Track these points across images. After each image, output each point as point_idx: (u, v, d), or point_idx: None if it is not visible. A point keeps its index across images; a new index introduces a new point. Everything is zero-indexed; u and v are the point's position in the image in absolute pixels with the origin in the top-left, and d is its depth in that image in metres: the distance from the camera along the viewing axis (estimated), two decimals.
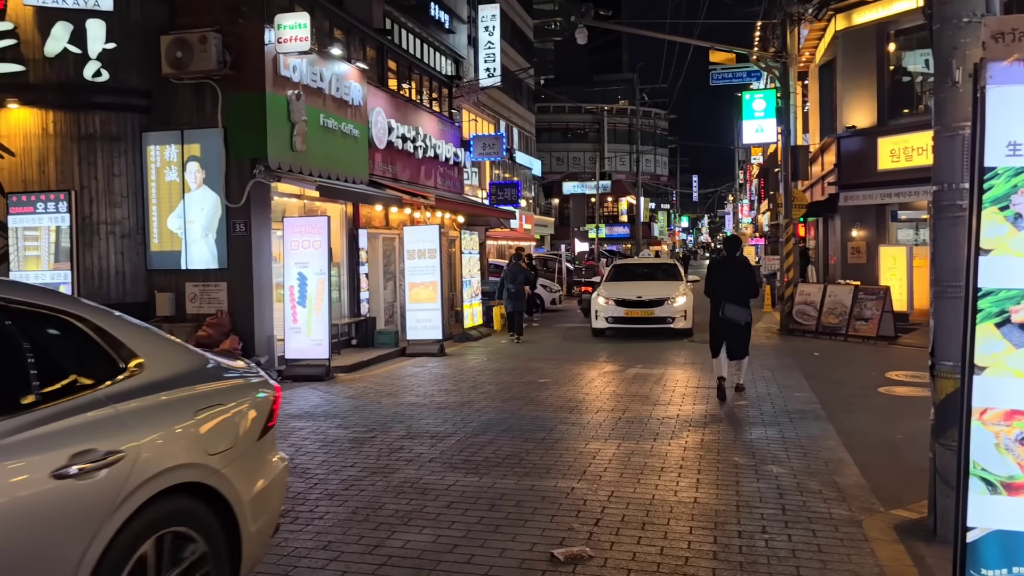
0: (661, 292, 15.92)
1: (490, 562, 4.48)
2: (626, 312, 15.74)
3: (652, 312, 15.56)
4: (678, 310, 15.56)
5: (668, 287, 16.21)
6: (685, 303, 15.70)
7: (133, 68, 11.73)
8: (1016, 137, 3.02)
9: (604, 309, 15.99)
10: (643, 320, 15.68)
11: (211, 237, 11.64)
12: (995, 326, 3.06)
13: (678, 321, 15.53)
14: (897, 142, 17.24)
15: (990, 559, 3.05)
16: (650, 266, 19.14)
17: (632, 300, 15.82)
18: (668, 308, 15.54)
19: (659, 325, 15.58)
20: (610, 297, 16.03)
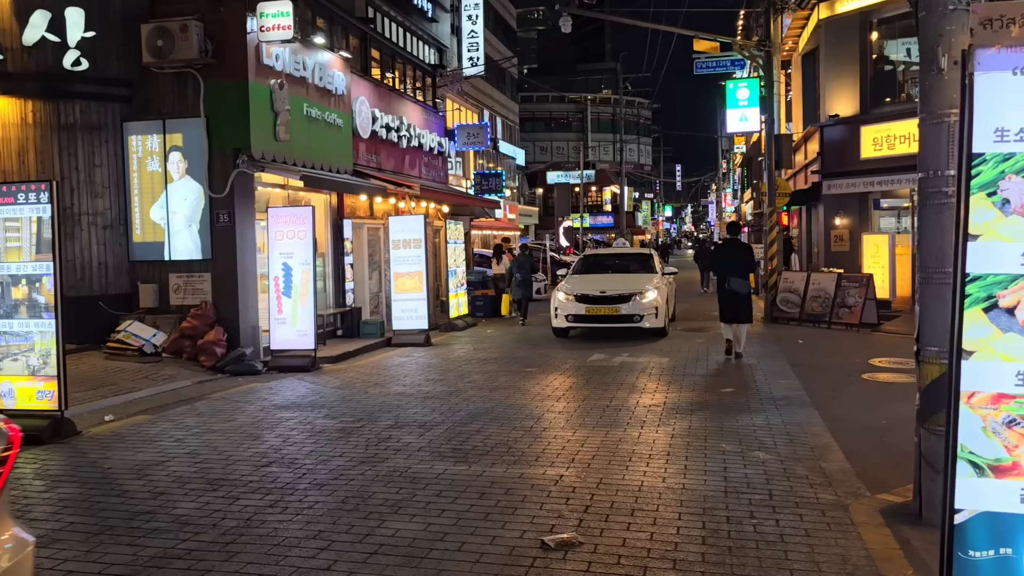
0: (629, 286, 14.05)
1: (481, 549, 4.49)
2: (587, 309, 13.87)
3: (617, 309, 13.71)
4: (647, 306, 13.71)
5: (638, 280, 14.45)
6: (656, 298, 13.83)
7: (113, 57, 11.59)
8: (1004, 123, 3.04)
9: (564, 306, 14.11)
10: (607, 318, 13.86)
11: (194, 228, 11.55)
12: (983, 311, 3.09)
13: (648, 319, 13.70)
14: (880, 130, 17.34)
15: (977, 541, 3.09)
16: (623, 257, 17.10)
17: (595, 296, 13.95)
18: (636, 304, 13.69)
19: (625, 324, 13.79)
20: (571, 292, 14.20)
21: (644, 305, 13.70)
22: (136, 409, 8.50)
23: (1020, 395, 3.07)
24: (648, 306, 13.72)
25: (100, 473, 6.14)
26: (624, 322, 13.76)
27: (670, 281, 15.72)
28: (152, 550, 4.52)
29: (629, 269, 15.82)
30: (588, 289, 14.19)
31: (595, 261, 16.68)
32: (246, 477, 5.94)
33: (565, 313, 14.07)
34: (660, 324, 13.88)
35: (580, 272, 15.80)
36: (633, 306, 13.68)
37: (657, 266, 15.79)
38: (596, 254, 17.90)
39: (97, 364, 10.45)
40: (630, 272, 15.50)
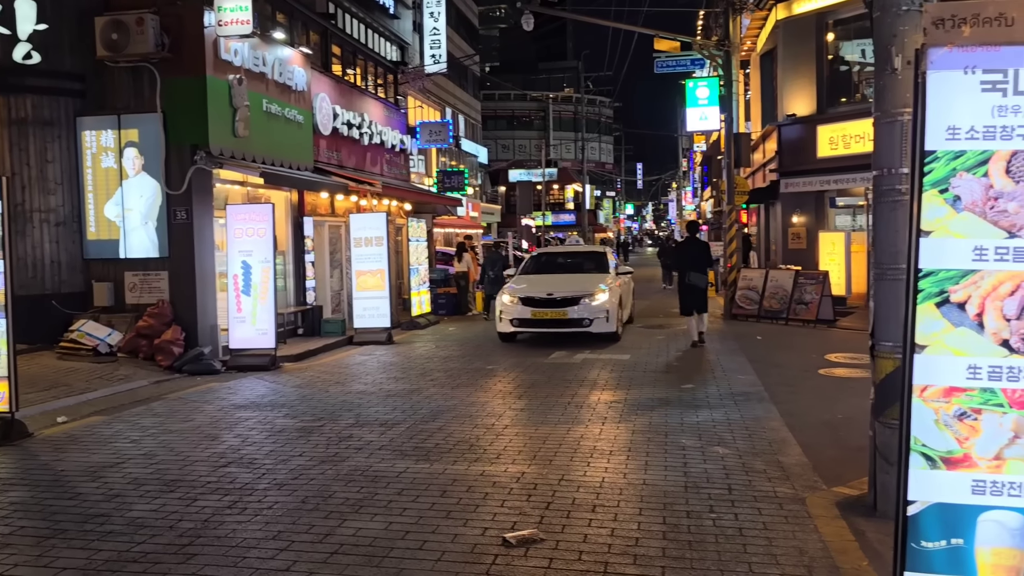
0: (578, 288, 13.04)
1: (442, 547, 4.47)
2: (533, 313, 12.85)
3: (564, 313, 12.70)
4: (598, 309, 12.72)
5: (588, 281, 13.37)
6: (606, 301, 12.81)
7: (66, 50, 11.33)
8: (955, 121, 3.10)
9: (508, 309, 13.08)
10: (553, 323, 12.90)
11: (151, 225, 11.34)
12: (935, 306, 3.15)
13: (598, 323, 12.70)
14: (836, 130, 17.64)
15: (930, 531, 3.15)
16: (575, 255, 16.23)
17: (541, 298, 12.94)
18: (585, 308, 12.70)
19: (573, 329, 12.80)
20: (516, 294, 13.17)
21: (594, 308, 12.70)
22: (90, 410, 8.32)
23: (971, 388, 3.14)
24: (598, 309, 12.71)
25: (52, 476, 5.99)
26: (572, 327, 12.76)
27: (626, 281, 14.78)
28: (106, 553, 4.43)
29: (581, 268, 14.84)
30: (534, 291, 13.16)
31: (546, 260, 15.58)
32: (204, 478, 5.85)
33: (510, 317, 13.06)
34: (611, 328, 12.85)
35: (529, 272, 14.80)
36: (582, 309, 12.67)
37: (611, 265, 14.74)
38: (547, 252, 16.73)
39: (50, 364, 10.21)
40: (582, 272, 14.54)
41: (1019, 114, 3.06)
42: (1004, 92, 3.08)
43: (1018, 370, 3.10)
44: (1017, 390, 3.10)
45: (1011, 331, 3.10)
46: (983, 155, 3.11)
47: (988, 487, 3.13)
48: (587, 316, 12.68)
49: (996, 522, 3.13)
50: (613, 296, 13.05)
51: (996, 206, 3.10)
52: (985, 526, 3.14)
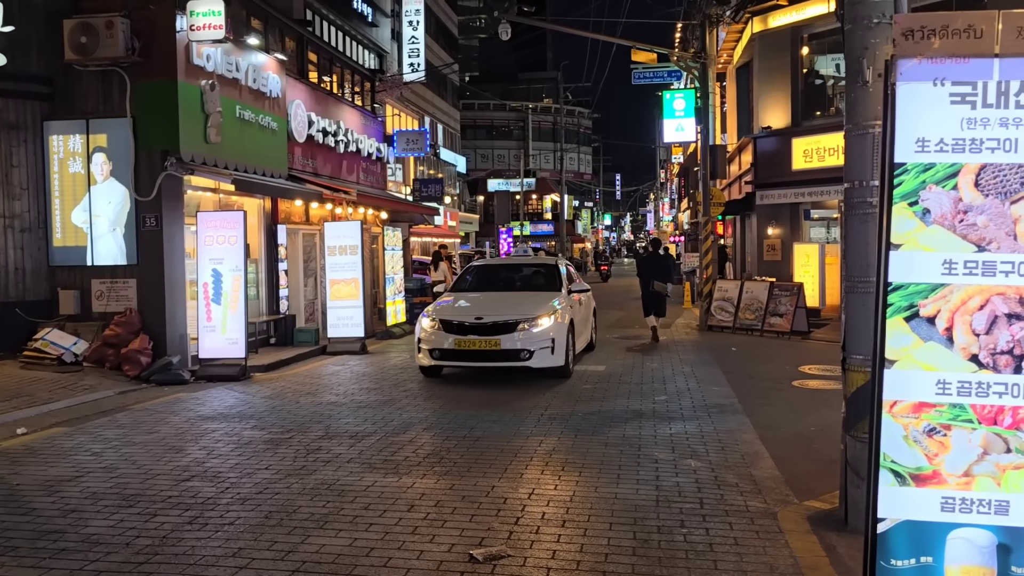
0: (516, 310, 10.50)
1: (407, 565, 4.37)
2: (457, 342, 10.23)
3: (496, 343, 10.09)
4: (540, 338, 10.10)
5: (532, 301, 10.85)
6: (551, 327, 10.23)
7: (34, 53, 11.13)
8: (925, 134, 3.07)
9: (428, 337, 10.48)
10: (482, 355, 10.27)
11: (119, 232, 11.15)
12: (904, 320, 3.12)
13: (540, 356, 10.08)
14: (810, 143, 17.77)
15: (899, 550, 3.10)
16: (520, 268, 13.25)
17: (467, 323, 10.31)
18: (524, 336, 10.05)
19: (507, 363, 10.25)
20: (438, 317, 10.61)
21: (535, 336, 10.09)
22: (52, 421, 8.12)
23: (940, 404, 3.10)
24: (540, 338, 10.12)
25: (7, 490, 5.81)
26: (506, 360, 10.18)
27: (584, 300, 12.38)
28: (58, 572, 4.27)
29: (527, 285, 12.30)
30: (460, 314, 10.62)
31: (485, 274, 12.94)
32: (165, 492, 5.69)
33: (429, 347, 10.41)
34: (558, 361, 10.25)
35: (462, 289, 12.24)
36: (520, 338, 10.07)
37: (564, 282, 11.96)
38: (486, 265, 13.87)
39: (12, 374, 9.97)
40: (528, 289, 12.07)
41: (988, 127, 3.04)
42: (973, 104, 3.05)
43: (987, 385, 3.06)
44: (986, 406, 3.07)
45: (980, 346, 3.07)
46: (952, 168, 3.08)
47: (957, 504, 3.09)
48: (526, 346, 10.04)
49: (965, 540, 3.09)
50: (562, 320, 10.51)
51: (965, 220, 3.07)
52: (955, 544, 3.10)
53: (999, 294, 3.06)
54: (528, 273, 12.79)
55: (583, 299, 12.35)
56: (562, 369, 10.47)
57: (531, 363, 10.13)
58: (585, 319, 12.50)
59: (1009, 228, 3.06)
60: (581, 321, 12.01)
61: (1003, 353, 3.06)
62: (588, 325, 12.85)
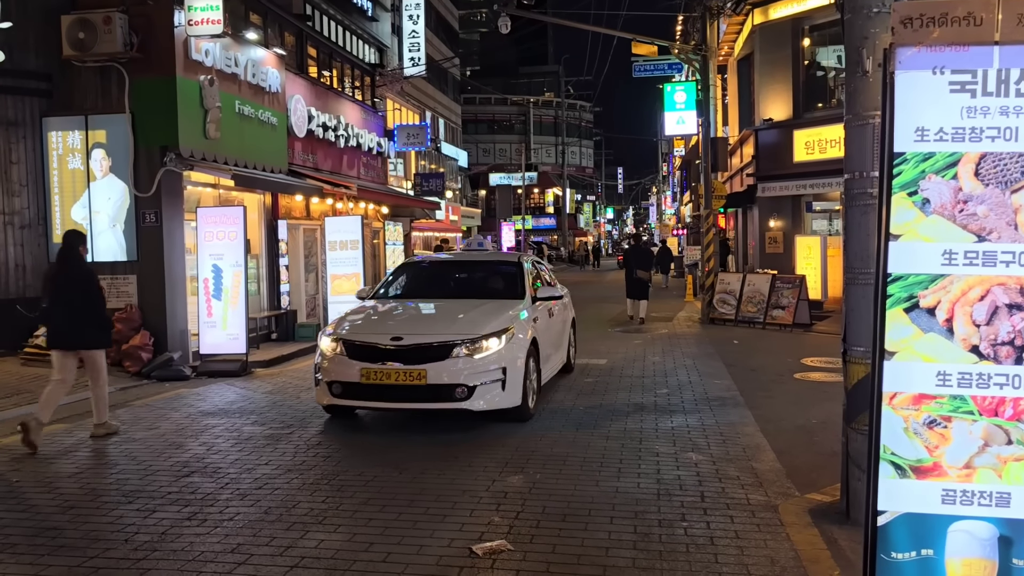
0: (453, 327, 7.51)
1: (407, 560, 4.35)
2: (364, 373, 7.17)
3: (421, 374, 7.07)
4: (485, 367, 7.21)
5: (478, 315, 7.81)
6: (503, 351, 7.35)
7: (32, 49, 11.10)
8: (924, 123, 3.04)
9: (329, 365, 7.44)
10: (400, 392, 7.19)
11: (119, 228, 11.13)
12: (904, 311, 3.09)
13: (484, 393, 7.18)
14: (812, 135, 17.70)
15: (900, 542, 3.08)
16: (473, 267, 9.80)
17: (381, 347, 7.26)
18: (462, 365, 7.15)
19: (437, 404, 7.24)
20: (343, 337, 7.50)
21: (478, 365, 7.16)
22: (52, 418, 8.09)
23: (941, 395, 3.07)
24: (485, 366, 7.19)
25: (6, 487, 5.80)
26: (433, 400, 7.16)
27: (557, 310, 9.51)
28: (56, 569, 4.26)
29: (475, 291, 9.04)
30: (373, 332, 7.55)
31: (418, 275, 9.61)
32: (164, 488, 5.68)
33: (329, 379, 7.40)
34: (510, 401, 7.33)
35: (383, 296, 9.03)
36: (454, 368, 7.10)
37: (528, 286, 8.81)
38: (424, 262, 10.31)
39: (13, 371, 9.97)
40: (475, 296, 8.72)
41: (988, 115, 3.00)
42: (973, 93, 3.02)
43: (988, 377, 3.03)
44: (987, 397, 3.04)
45: (980, 337, 3.04)
46: (952, 157, 3.05)
47: (958, 496, 3.06)
48: (463, 380, 7.08)
49: (966, 532, 3.07)
50: (519, 340, 7.60)
51: (965, 209, 3.04)
52: (955, 536, 3.07)
53: (1000, 284, 3.03)
54: (480, 274, 9.52)
55: (556, 308, 9.48)
56: (518, 411, 7.45)
57: (470, 404, 7.07)
58: (558, 336, 9.57)
59: (1010, 218, 3.03)
60: (551, 339, 9.04)
61: (1004, 344, 3.03)
62: (563, 342, 9.95)
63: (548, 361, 8.85)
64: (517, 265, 9.30)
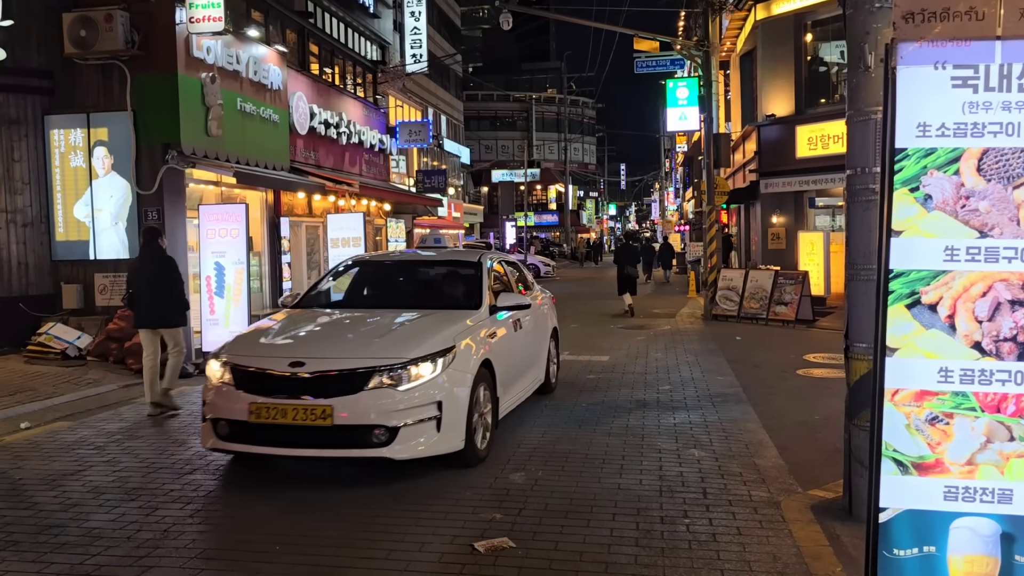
0: (370, 348, 5.93)
1: (409, 557, 4.35)
2: (253, 409, 5.52)
3: (325, 412, 5.42)
4: (411, 402, 5.60)
5: (411, 331, 6.33)
6: (441, 378, 5.77)
7: (33, 47, 11.11)
8: (926, 118, 3.03)
9: (215, 398, 5.83)
10: (297, 435, 5.54)
11: (121, 226, 11.15)
12: (906, 307, 3.08)
13: (410, 435, 5.56)
14: (814, 130, 17.66)
15: (902, 539, 3.07)
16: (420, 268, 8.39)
17: (275, 375, 5.67)
18: (379, 400, 5.54)
19: (345, 451, 5.57)
20: (232, 361, 5.89)
21: (402, 400, 5.58)
22: (55, 416, 8.12)
23: (943, 392, 3.07)
24: (413, 401, 5.61)
25: (9, 484, 5.81)
26: (340, 445, 5.54)
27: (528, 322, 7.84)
28: (58, 566, 4.27)
29: (418, 298, 7.44)
30: (271, 354, 5.94)
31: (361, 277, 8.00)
32: (167, 486, 5.69)
33: (214, 415, 5.81)
34: (450, 444, 5.77)
35: (306, 305, 7.34)
36: (369, 403, 5.51)
37: (485, 292, 7.13)
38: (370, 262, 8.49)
39: (16, 368, 9.98)
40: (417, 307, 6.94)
41: (990, 111, 2.99)
42: (975, 88, 3.00)
43: (990, 373, 3.02)
44: (989, 393, 3.03)
45: (983, 333, 3.03)
46: (954, 153, 3.04)
47: (960, 493, 3.06)
48: (380, 420, 5.47)
49: (969, 529, 3.06)
50: (463, 365, 5.99)
51: (967, 205, 3.03)
52: (957, 533, 3.07)
53: (1002, 280, 3.02)
54: (429, 278, 8.08)
55: (527, 319, 7.81)
56: (460, 456, 5.84)
57: (391, 452, 5.45)
58: (530, 352, 7.94)
59: (1012, 213, 3.01)
60: (518, 358, 7.40)
61: (1006, 340, 3.02)
62: (539, 358, 8.33)
63: (513, 385, 7.13)
64: (475, 266, 7.49)
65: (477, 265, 7.55)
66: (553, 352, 9.04)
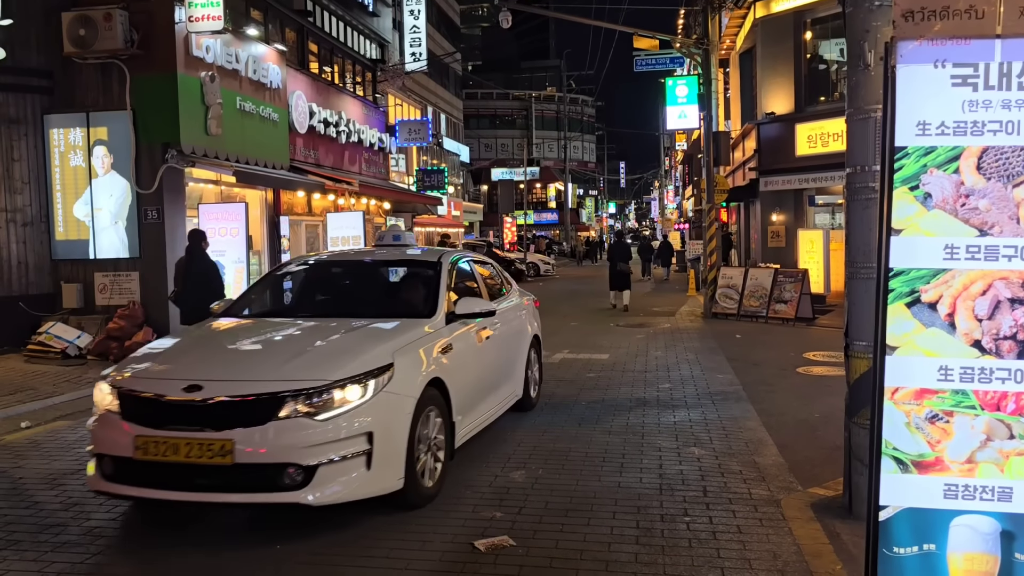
0: (285, 371, 4.73)
1: (409, 555, 4.36)
2: (141, 444, 4.47)
3: (225, 447, 4.37)
4: (333, 434, 4.52)
5: (338, 348, 5.15)
6: (369, 405, 4.70)
7: (33, 47, 11.12)
8: (925, 116, 3.03)
9: (99, 429, 4.80)
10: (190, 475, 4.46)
11: (121, 225, 11.15)
12: (906, 306, 3.08)
13: (331, 475, 4.52)
14: (814, 128, 17.67)
15: (901, 537, 3.08)
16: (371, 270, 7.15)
17: (165, 402, 4.60)
18: (292, 433, 4.46)
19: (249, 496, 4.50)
20: (121, 385, 4.79)
21: (321, 432, 4.53)
22: (56, 415, 8.13)
23: (943, 390, 3.07)
24: (336, 432, 4.57)
25: (10, 483, 5.82)
26: (246, 488, 4.49)
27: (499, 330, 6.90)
28: (59, 565, 4.28)
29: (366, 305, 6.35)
30: (165, 376, 4.90)
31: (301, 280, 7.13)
32: None
33: (99, 449, 4.79)
34: (384, 484, 4.79)
35: (234, 313, 6.32)
36: (278, 436, 4.46)
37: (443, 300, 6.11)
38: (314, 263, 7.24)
39: (16, 368, 9.99)
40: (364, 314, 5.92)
41: (990, 109, 2.99)
42: (975, 87, 3.01)
43: (990, 371, 3.03)
44: (989, 392, 3.03)
45: (982, 331, 3.03)
46: (954, 151, 3.04)
47: (960, 491, 3.06)
48: (293, 457, 4.48)
49: (969, 527, 3.06)
50: (404, 386, 5.01)
51: (967, 204, 3.03)
52: (957, 531, 3.07)
53: (1002, 279, 3.02)
54: (377, 281, 7.11)
55: (498, 327, 6.84)
56: (400, 497, 4.87)
57: (306, 496, 4.48)
58: (501, 365, 7.00)
59: (1012, 212, 3.02)
60: (482, 374, 6.44)
61: (1006, 338, 3.02)
62: (514, 371, 7.39)
63: (477, 406, 6.20)
64: (433, 267, 6.44)
65: (435, 266, 6.46)
66: (534, 360, 8.06)
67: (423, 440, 5.13)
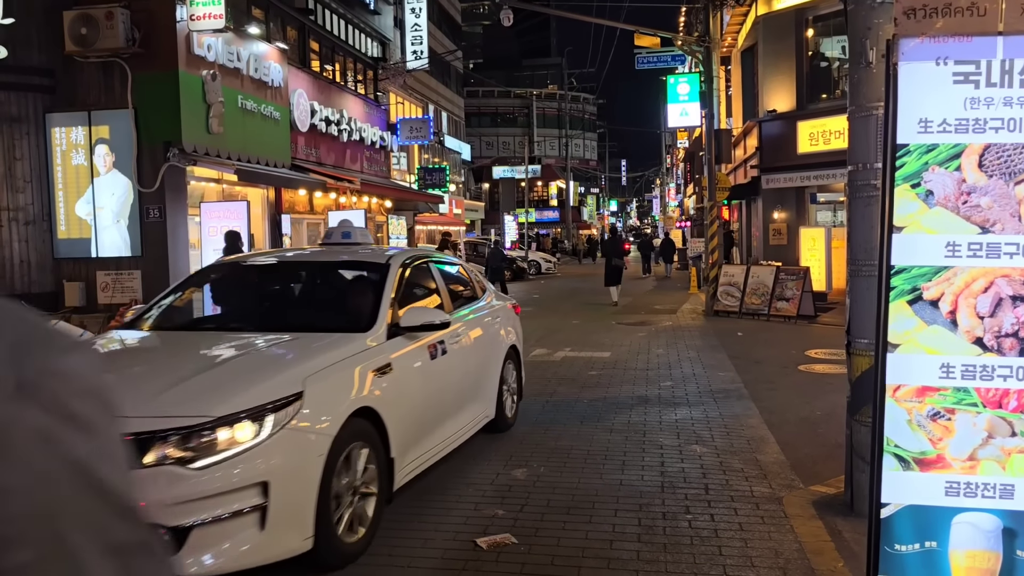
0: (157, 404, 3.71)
1: (411, 554, 4.37)
2: None
3: None
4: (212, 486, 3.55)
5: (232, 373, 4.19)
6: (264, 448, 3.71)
7: (34, 45, 11.13)
8: (927, 114, 3.03)
9: None
10: None
11: (123, 223, 11.16)
12: (907, 303, 3.08)
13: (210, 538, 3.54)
14: (816, 126, 17.65)
15: (903, 534, 3.08)
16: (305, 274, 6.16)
17: None
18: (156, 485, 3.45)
19: None
20: None
21: (196, 484, 3.55)
22: None
23: (944, 388, 3.07)
24: (217, 484, 3.59)
25: None
26: None
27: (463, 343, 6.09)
28: None
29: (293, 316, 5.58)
30: None
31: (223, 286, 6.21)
32: None
33: None
34: (283, 548, 3.78)
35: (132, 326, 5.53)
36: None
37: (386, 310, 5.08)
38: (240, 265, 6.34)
39: None
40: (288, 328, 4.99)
41: (992, 106, 2.99)
42: (976, 84, 3.00)
43: (992, 368, 3.03)
44: (991, 389, 3.03)
45: (984, 329, 3.03)
46: (955, 149, 3.04)
47: (962, 488, 3.06)
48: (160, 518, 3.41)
49: (970, 524, 3.06)
50: (312, 427, 3.99)
51: (969, 201, 3.03)
52: (959, 528, 3.07)
53: (1003, 276, 3.02)
54: (311, 287, 6.12)
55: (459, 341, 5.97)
56: (311, 558, 3.95)
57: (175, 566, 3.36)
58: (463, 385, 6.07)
59: (1013, 209, 3.01)
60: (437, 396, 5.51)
61: (1008, 336, 3.02)
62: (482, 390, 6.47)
63: (428, 435, 5.27)
64: (379, 270, 5.50)
65: (382, 269, 5.48)
66: (513, 374, 7.12)
67: (345, 488, 4.16)
